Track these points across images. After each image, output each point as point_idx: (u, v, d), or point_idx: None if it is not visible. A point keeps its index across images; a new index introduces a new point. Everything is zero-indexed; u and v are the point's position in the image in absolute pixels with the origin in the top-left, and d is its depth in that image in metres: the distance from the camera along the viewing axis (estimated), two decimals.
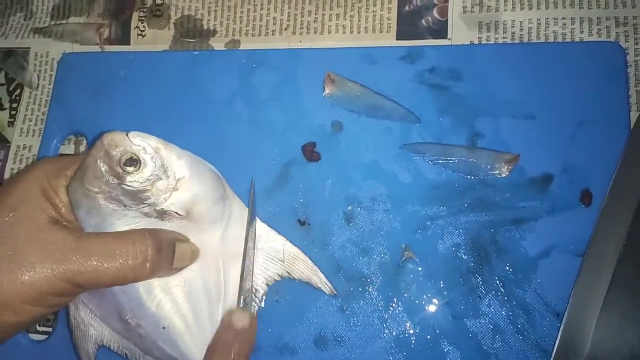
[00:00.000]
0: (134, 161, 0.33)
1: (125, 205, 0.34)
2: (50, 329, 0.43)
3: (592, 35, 0.41)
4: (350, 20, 0.46)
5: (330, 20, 0.46)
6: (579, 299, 0.35)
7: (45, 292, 0.31)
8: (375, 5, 0.45)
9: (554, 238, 0.37)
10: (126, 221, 0.34)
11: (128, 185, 0.33)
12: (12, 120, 0.50)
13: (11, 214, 0.32)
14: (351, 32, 0.46)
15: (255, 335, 0.36)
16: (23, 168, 0.48)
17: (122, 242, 0.32)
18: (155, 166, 0.33)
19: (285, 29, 0.47)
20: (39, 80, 0.50)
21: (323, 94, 0.43)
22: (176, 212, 0.34)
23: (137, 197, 0.33)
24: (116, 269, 0.32)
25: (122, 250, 0.32)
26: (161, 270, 0.34)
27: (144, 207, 0.34)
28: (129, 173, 0.33)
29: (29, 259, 0.30)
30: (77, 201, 0.34)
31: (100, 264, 0.31)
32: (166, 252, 0.34)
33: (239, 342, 0.35)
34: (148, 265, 0.33)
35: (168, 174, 0.34)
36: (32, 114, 0.50)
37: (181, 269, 0.36)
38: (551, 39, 0.42)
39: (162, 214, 0.34)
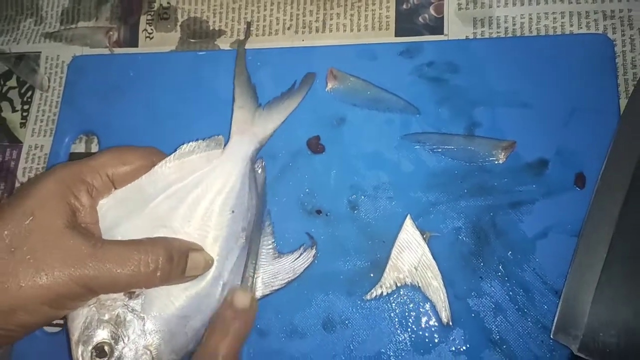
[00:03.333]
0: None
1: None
2: (63, 322, 0.44)
3: (581, 28, 0.44)
4: (351, 19, 0.48)
5: (331, 19, 0.48)
6: (575, 276, 0.37)
7: (62, 296, 0.32)
8: (374, 4, 0.47)
9: (550, 219, 0.39)
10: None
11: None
12: (24, 121, 0.51)
13: (30, 219, 0.33)
14: (352, 30, 0.48)
15: (255, 316, 0.37)
16: (40, 173, 0.49)
17: (136, 250, 0.34)
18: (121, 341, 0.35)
19: (289, 29, 0.49)
20: (49, 82, 0.52)
21: (326, 89, 0.45)
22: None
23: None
24: (128, 276, 0.33)
25: (135, 258, 0.33)
26: (173, 278, 0.35)
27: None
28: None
29: (47, 264, 0.31)
30: None
31: (114, 270, 0.32)
32: (178, 262, 0.35)
33: (238, 322, 0.36)
34: (159, 273, 0.34)
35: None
36: (43, 115, 0.51)
37: (195, 277, 0.37)
38: (543, 33, 0.44)
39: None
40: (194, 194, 0.38)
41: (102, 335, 0.34)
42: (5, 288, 0.31)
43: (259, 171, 0.43)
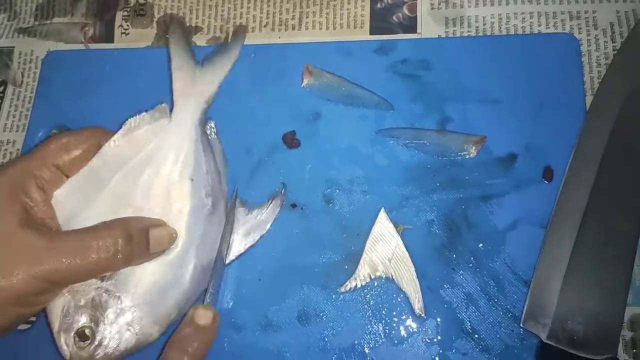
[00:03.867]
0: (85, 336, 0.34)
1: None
2: (34, 318, 0.43)
3: (549, 27, 0.45)
4: (327, 17, 0.48)
5: (307, 17, 0.49)
6: (544, 266, 0.38)
7: (24, 293, 0.31)
8: (349, 3, 0.48)
9: (519, 212, 0.40)
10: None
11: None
12: None
13: None
14: (327, 28, 0.48)
15: (216, 333, 0.36)
16: None
17: (93, 237, 0.33)
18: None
19: (265, 26, 0.49)
20: (22, 77, 0.51)
21: (302, 85, 0.45)
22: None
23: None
24: (90, 263, 0.33)
25: (92, 245, 0.33)
26: (137, 257, 0.35)
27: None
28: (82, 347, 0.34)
29: (3, 265, 0.31)
30: None
31: (73, 260, 0.32)
32: (139, 241, 0.35)
33: (198, 339, 0.35)
34: (120, 256, 0.33)
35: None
36: (15, 110, 0.51)
37: (161, 252, 0.36)
38: (512, 32, 0.45)
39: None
40: (149, 168, 0.38)
41: (81, 320, 0.34)
42: None
43: (211, 133, 0.42)
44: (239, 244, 0.40)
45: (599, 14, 0.44)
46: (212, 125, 0.43)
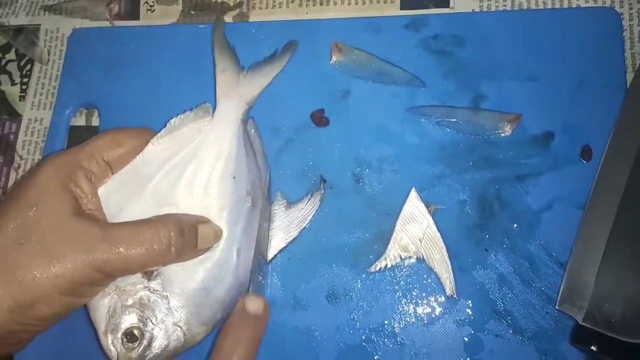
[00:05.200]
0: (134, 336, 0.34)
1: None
2: None
3: (588, 1, 0.43)
4: None
5: None
6: (581, 247, 0.37)
7: (78, 282, 0.31)
8: None
9: (556, 192, 0.39)
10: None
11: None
12: (24, 94, 0.51)
13: (34, 209, 0.32)
14: (356, 3, 0.47)
15: (267, 322, 0.35)
16: (35, 164, 0.48)
17: (147, 229, 0.33)
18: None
19: (292, 2, 0.48)
20: (49, 55, 0.51)
21: (330, 62, 0.44)
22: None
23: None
24: (142, 255, 0.32)
25: (146, 237, 0.33)
26: (187, 253, 0.35)
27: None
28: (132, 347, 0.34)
29: (59, 251, 0.31)
30: None
31: (127, 251, 0.32)
32: (189, 235, 0.35)
33: (251, 328, 0.34)
34: (173, 249, 0.33)
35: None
36: (42, 88, 0.51)
37: (207, 249, 0.36)
38: (549, 6, 0.44)
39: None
40: (191, 166, 0.38)
41: (129, 320, 0.34)
42: (19, 281, 0.30)
43: (252, 131, 0.42)
44: (279, 240, 0.40)
45: None
46: (253, 123, 0.42)
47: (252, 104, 0.42)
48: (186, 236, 0.34)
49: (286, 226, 0.40)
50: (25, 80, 0.51)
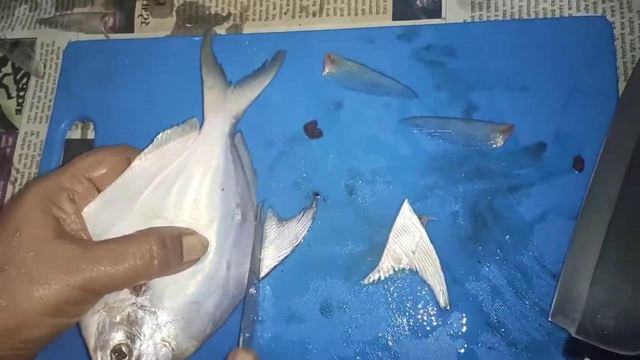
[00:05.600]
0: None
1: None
2: None
3: (580, 10, 0.43)
4: (348, 3, 0.47)
5: (328, 3, 0.48)
6: (573, 258, 0.37)
7: (62, 302, 0.32)
8: None
9: (548, 203, 0.39)
10: None
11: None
12: (20, 108, 0.51)
13: (17, 235, 0.33)
14: (349, 14, 0.47)
15: None
16: (18, 191, 0.49)
17: (128, 244, 0.34)
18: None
19: (285, 13, 0.48)
20: (45, 68, 0.52)
21: (323, 74, 0.44)
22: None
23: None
24: (125, 270, 0.33)
25: (128, 252, 0.33)
26: (172, 266, 0.35)
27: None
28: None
29: (41, 274, 0.31)
30: None
31: (110, 267, 0.32)
32: (173, 247, 0.35)
33: None
34: (156, 262, 0.34)
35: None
36: (39, 102, 0.51)
37: (195, 261, 0.37)
38: (541, 16, 0.44)
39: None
40: (180, 180, 0.38)
41: (117, 337, 0.34)
42: (3, 307, 0.31)
43: (240, 145, 0.42)
44: (271, 259, 0.40)
45: None
46: (242, 137, 0.43)
47: (240, 117, 0.43)
48: (169, 248, 0.34)
49: (279, 244, 0.40)
50: (21, 93, 0.51)
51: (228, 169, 0.39)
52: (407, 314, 0.38)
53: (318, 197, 0.41)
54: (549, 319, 0.36)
